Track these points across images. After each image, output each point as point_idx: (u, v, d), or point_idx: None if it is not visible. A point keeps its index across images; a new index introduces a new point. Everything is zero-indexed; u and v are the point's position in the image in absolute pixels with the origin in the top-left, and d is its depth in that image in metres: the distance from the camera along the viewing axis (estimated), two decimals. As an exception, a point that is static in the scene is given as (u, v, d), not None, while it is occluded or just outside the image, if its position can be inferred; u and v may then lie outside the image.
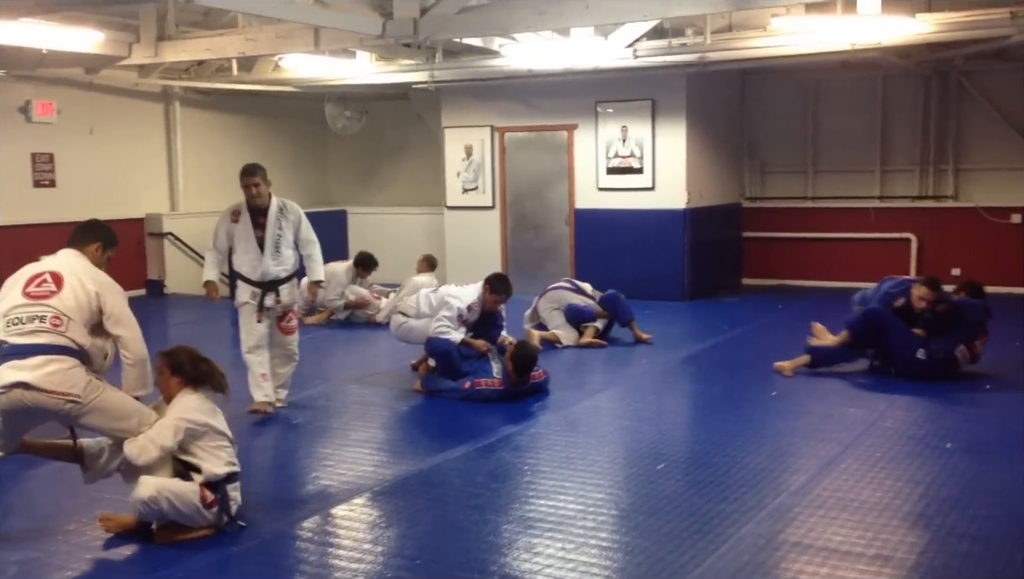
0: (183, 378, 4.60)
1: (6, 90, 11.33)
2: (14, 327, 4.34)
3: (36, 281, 4.50)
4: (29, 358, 4.25)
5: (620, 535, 4.51)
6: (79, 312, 4.45)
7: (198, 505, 4.38)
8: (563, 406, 6.98)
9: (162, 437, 4.41)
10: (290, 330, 6.90)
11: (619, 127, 12.05)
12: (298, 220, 6.79)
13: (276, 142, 14.72)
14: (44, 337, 4.33)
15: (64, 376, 4.27)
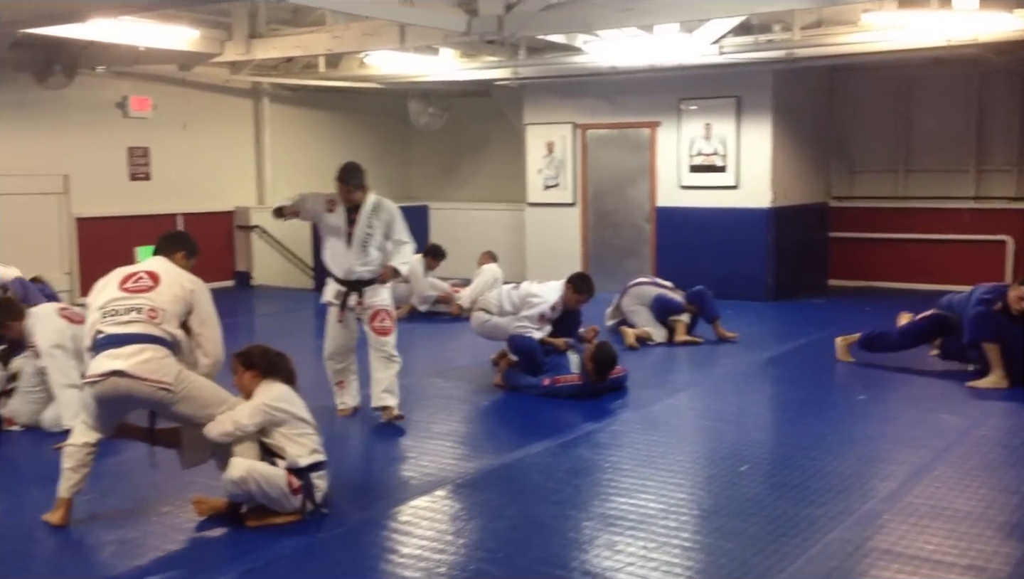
0: (258, 371, 4.72)
1: (105, 86, 11.73)
2: (111, 318, 4.52)
3: (133, 278, 4.70)
4: (124, 347, 4.40)
5: (702, 536, 4.47)
6: (174, 305, 4.63)
7: (285, 490, 4.47)
8: (643, 404, 6.94)
9: (239, 414, 4.53)
10: (384, 331, 6.44)
11: (702, 124, 11.92)
12: (390, 219, 6.43)
13: (360, 138, 14.94)
14: (139, 327, 4.49)
15: (158, 365, 4.41)
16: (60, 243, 11.54)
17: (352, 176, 6.30)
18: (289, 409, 4.63)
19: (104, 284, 4.73)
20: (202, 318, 4.74)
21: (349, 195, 6.32)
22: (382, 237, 6.40)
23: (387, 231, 6.41)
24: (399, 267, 6.46)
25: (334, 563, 4.28)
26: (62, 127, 11.37)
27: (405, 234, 6.49)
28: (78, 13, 7.69)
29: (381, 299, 6.44)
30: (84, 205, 11.67)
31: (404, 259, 6.51)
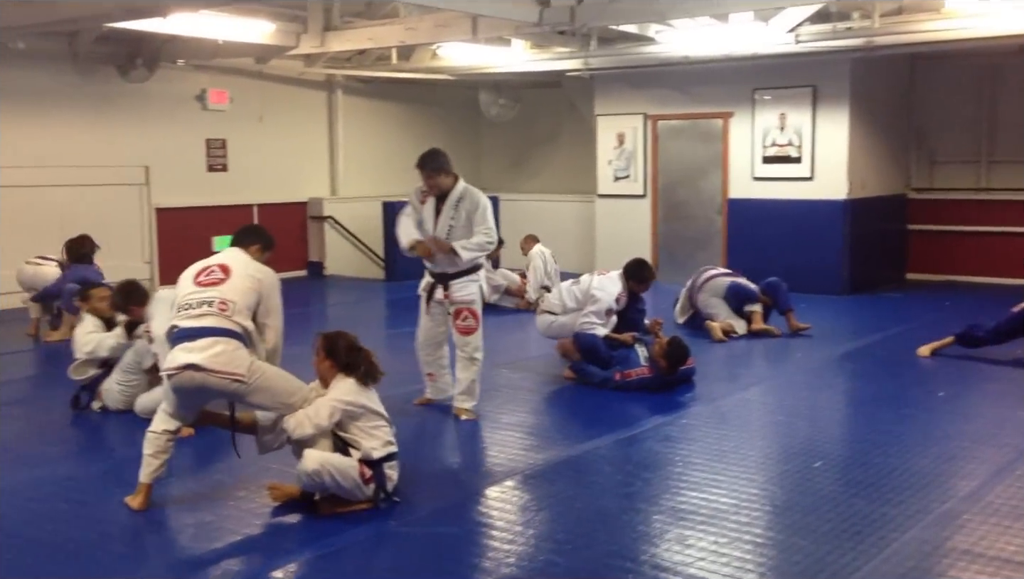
0: (335, 363, 4.77)
1: (184, 79, 12.00)
2: (184, 312, 4.67)
3: (206, 272, 4.81)
4: (197, 340, 4.53)
5: (775, 532, 4.41)
6: (244, 297, 4.72)
7: (357, 480, 4.54)
8: (714, 398, 6.87)
9: (319, 416, 4.60)
10: (466, 330, 6.16)
11: (777, 115, 11.72)
12: (474, 209, 6.06)
13: (431, 129, 15.03)
14: (211, 320, 4.60)
15: (229, 357, 4.52)
16: (141, 233, 11.85)
17: (427, 161, 6.08)
18: (366, 404, 4.69)
19: (184, 278, 4.86)
20: (268, 308, 4.84)
21: (430, 181, 6.07)
22: (467, 228, 6.06)
23: (471, 222, 6.06)
24: (457, 249, 6.02)
25: (404, 551, 4.32)
26: (143, 119, 11.67)
27: (488, 225, 6.10)
28: (161, 8, 7.88)
29: (467, 294, 6.15)
30: (163, 196, 11.97)
31: (468, 243, 6.04)
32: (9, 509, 4.73)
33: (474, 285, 6.16)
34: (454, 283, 6.12)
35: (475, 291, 6.16)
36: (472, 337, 6.17)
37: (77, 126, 11.08)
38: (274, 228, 14.26)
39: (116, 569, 4.01)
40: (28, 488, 5.05)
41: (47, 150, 10.82)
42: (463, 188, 6.12)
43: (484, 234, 6.08)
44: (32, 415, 6.68)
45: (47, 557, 4.17)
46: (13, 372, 7.98)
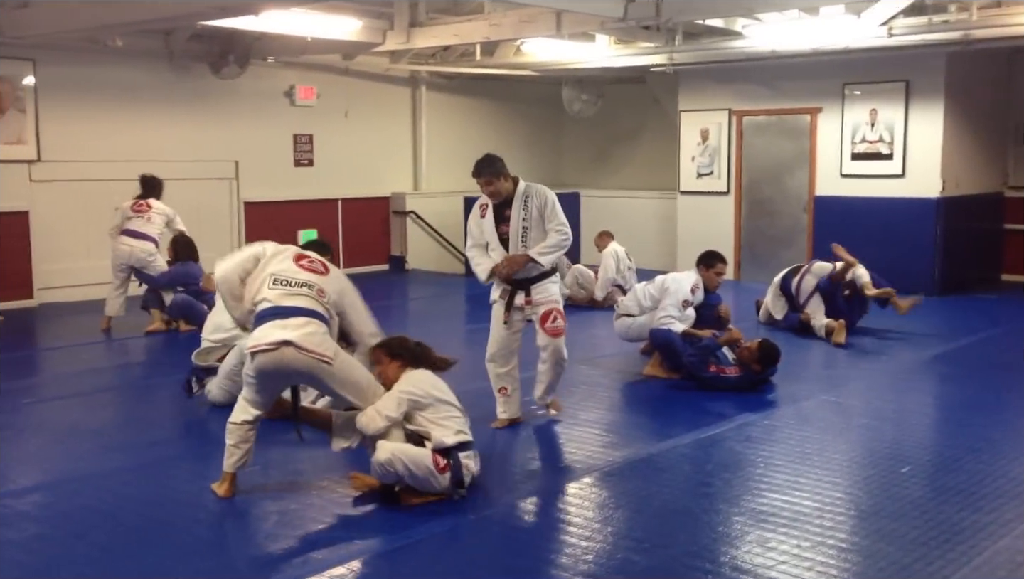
0: (403, 361, 4.83)
1: (274, 76, 12.26)
2: (280, 287, 4.67)
3: (308, 259, 4.91)
4: (291, 318, 4.57)
5: (860, 538, 4.31)
6: (336, 295, 4.84)
7: (431, 469, 4.57)
8: (798, 399, 6.75)
9: (387, 408, 4.65)
10: (555, 332, 5.90)
11: (867, 110, 11.44)
12: (543, 205, 5.82)
13: (513, 125, 15.08)
14: (306, 301, 4.67)
15: (321, 338, 4.59)
16: (230, 226, 12.15)
17: (484, 167, 5.85)
18: (432, 392, 4.73)
19: (277, 254, 4.86)
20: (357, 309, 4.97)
21: (489, 188, 5.84)
22: (540, 226, 5.80)
23: (543, 218, 5.81)
24: (535, 256, 5.77)
25: (482, 545, 4.35)
26: (234, 115, 11.97)
27: (560, 221, 5.83)
28: (253, 6, 8.06)
29: (550, 295, 5.89)
30: (251, 189, 12.25)
31: (543, 247, 5.78)
32: (103, 493, 4.90)
33: (554, 286, 5.96)
34: (535, 287, 5.87)
35: (557, 291, 5.96)
36: (561, 338, 5.93)
37: (171, 122, 11.42)
38: (357, 223, 14.62)
39: (201, 554, 4.13)
40: (121, 473, 5.23)
41: (143, 145, 11.17)
42: (525, 186, 5.91)
43: (557, 232, 5.81)
44: (126, 402, 6.91)
45: (134, 540, 4.31)
46: (110, 360, 8.26)
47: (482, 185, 5.87)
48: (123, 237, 8.99)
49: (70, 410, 6.55)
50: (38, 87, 10.37)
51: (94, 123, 10.82)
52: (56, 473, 5.23)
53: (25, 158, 10.36)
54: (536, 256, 5.76)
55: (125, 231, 9.00)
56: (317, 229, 12.91)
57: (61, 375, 7.75)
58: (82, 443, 5.83)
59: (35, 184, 10.45)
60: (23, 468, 5.39)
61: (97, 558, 4.08)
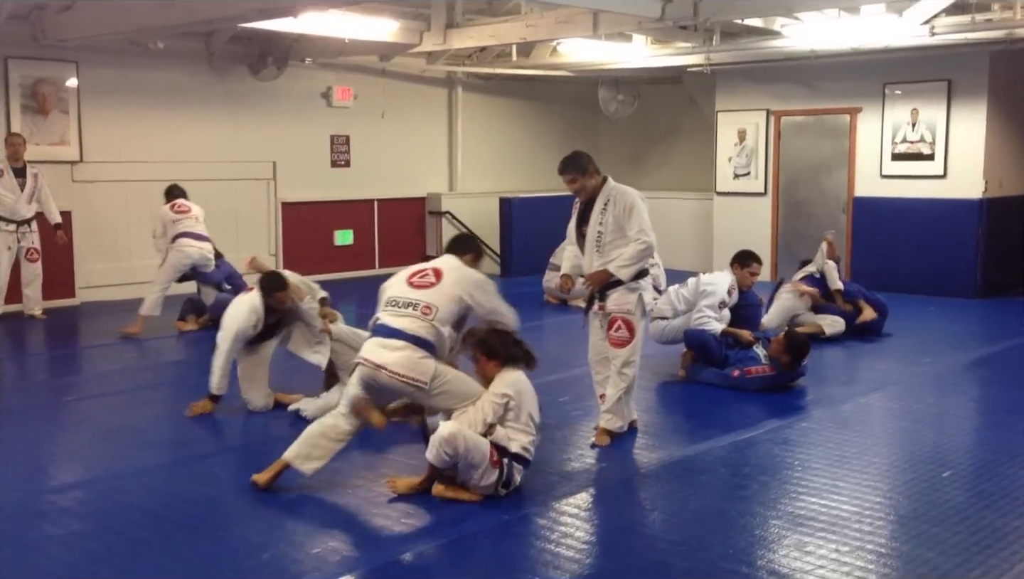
0: (499, 360, 4.87)
1: (312, 77, 12.36)
2: (391, 308, 4.93)
3: (420, 273, 5.04)
4: (391, 340, 4.79)
5: (899, 543, 4.25)
6: (449, 304, 4.91)
7: (486, 457, 4.60)
8: (834, 402, 6.68)
9: (486, 413, 4.73)
10: (618, 342, 5.58)
11: (909, 110, 11.30)
12: (622, 212, 5.50)
13: (548, 125, 15.07)
14: (409, 322, 4.82)
15: (414, 363, 4.74)
16: (268, 226, 12.26)
17: (567, 164, 5.64)
18: (523, 401, 4.76)
19: (398, 277, 5.10)
20: (487, 311, 5.02)
21: (572, 185, 5.64)
22: (617, 233, 5.51)
23: (621, 226, 5.50)
24: (614, 271, 5.49)
25: (517, 545, 4.35)
26: (272, 116, 12.07)
27: (638, 228, 5.47)
28: (292, 8, 8.12)
29: (623, 304, 5.56)
30: (289, 190, 12.35)
31: (622, 261, 5.47)
32: (143, 489, 4.97)
33: (633, 294, 5.55)
34: (612, 292, 5.57)
35: (633, 301, 5.55)
36: (624, 350, 5.58)
37: (210, 123, 11.54)
38: (392, 223, 14.69)
39: (238, 552, 4.16)
40: (161, 470, 5.30)
41: (183, 146, 11.30)
42: (610, 189, 5.60)
43: (636, 242, 5.46)
44: (165, 400, 7.00)
45: (173, 538, 4.36)
46: (149, 358, 8.36)
47: (566, 183, 5.68)
48: (186, 240, 9.02)
49: (111, 407, 6.65)
50: (81, 89, 10.53)
51: (135, 124, 10.96)
52: (97, 470, 5.31)
53: (68, 159, 10.53)
54: (615, 271, 5.50)
55: (186, 234, 9.04)
56: (353, 229, 13.02)
57: (102, 373, 7.87)
58: (122, 440, 5.91)
59: (77, 184, 10.62)
60: (65, 464, 5.49)
61: (137, 555, 4.14)
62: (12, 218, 9.47)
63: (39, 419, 6.38)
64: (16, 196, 9.45)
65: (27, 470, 5.39)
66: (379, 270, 13.26)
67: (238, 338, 6.15)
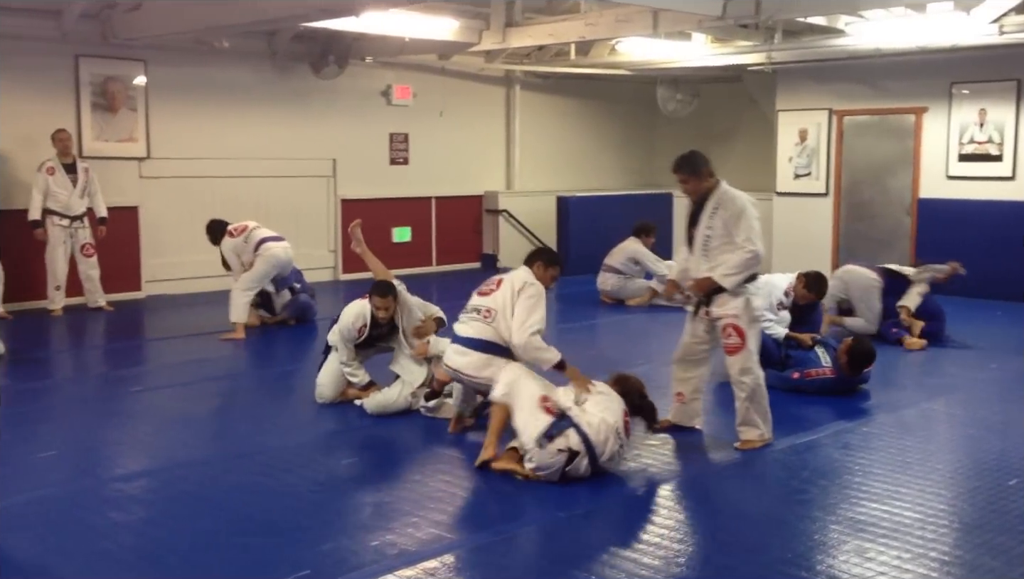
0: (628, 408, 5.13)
1: (372, 76, 12.48)
2: (464, 315, 5.52)
3: (487, 283, 5.60)
4: (459, 346, 5.43)
5: (963, 551, 4.18)
6: (503, 307, 5.36)
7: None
8: (898, 407, 6.57)
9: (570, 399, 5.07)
10: (732, 349, 5.43)
11: (976, 110, 11.06)
12: (730, 217, 5.34)
13: (606, 124, 15.04)
14: (473, 328, 5.40)
15: (482, 364, 5.32)
16: (327, 223, 12.41)
17: (681, 164, 5.52)
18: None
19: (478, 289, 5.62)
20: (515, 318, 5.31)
21: (685, 186, 5.52)
22: (725, 238, 5.36)
23: (729, 232, 5.35)
24: (719, 280, 5.36)
25: (574, 542, 4.36)
26: (332, 114, 12.21)
27: (746, 236, 5.31)
28: (354, 7, 8.21)
29: (730, 309, 5.41)
30: (348, 187, 12.48)
31: (727, 269, 5.33)
32: (207, 479, 5.07)
33: (739, 299, 5.39)
34: (717, 297, 5.44)
35: (739, 306, 5.39)
36: (737, 357, 5.43)
37: (273, 121, 11.71)
38: (450, 221, 14.75)
39: (298, 543, 4.23)
40: (225, 461, 5.40)
41: (246, 143, 11.49)
42: (721, 193, 5.45)
43: (743, 250, 5.30)
44: (229, 393, 7.12)
45: (236, 528, 4.44)
46: (213, 351, 8.51)
47: (678, 182, 5.58)
48: (270, 243, 8.90)
49: (176, 399, 6.79)
50: (148, 87, 10.75)
51: (200, 121, 11.17)
52: (163, 459, 5.43)
53: (135, 155, 10.77)
54: (719, 279, 5.36)
55: (267, 238, 8.91)
56: (411, 227, 13.12)
57: (167, 365, 8.04)
58: (188, 431, 6.05)
59: (144, 180, 10.85)
60: (132, 454, 5.63)
61: (201, 544, 4.23)
62: (66, 213, 9.70)
63: (105, 409, 6.55)
64: (68, 192, 9.67)
65: (95, 458, 5.55)
66: (436, 267, 13.35)
67: (343, 338, 6.28)
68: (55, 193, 9.60)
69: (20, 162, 9.97)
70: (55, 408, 6.64)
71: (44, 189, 9.54)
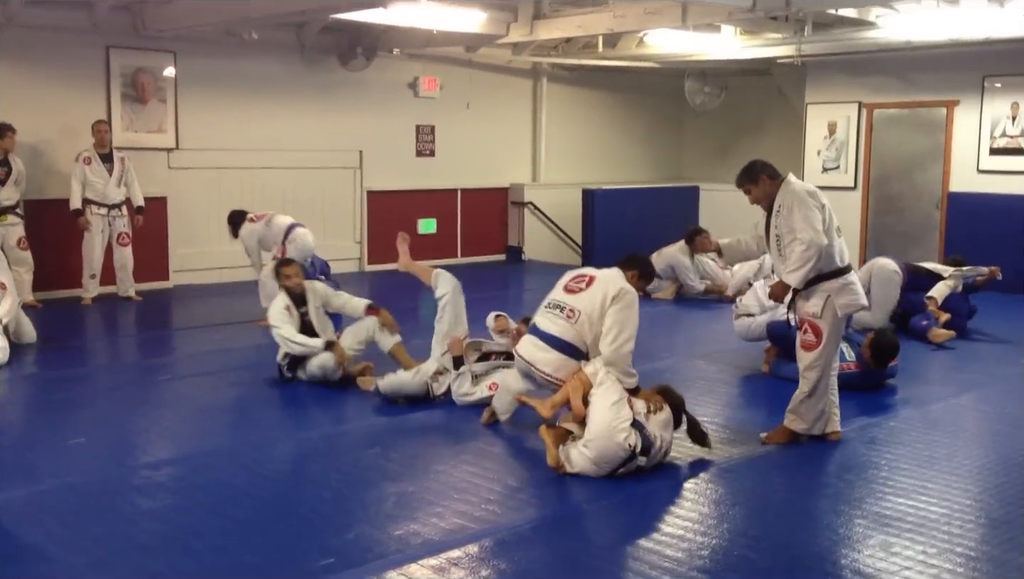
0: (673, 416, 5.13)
1: (399, 68, 12.50)
2: (546, 310, 5.44)
3: (577, 278, 5.46)
4: (540, 341, 5.36)
5: (990, 547, 4.14)
6: (591, 310, 5.27)
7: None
8: (925, 402, 6.52)
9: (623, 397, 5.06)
10: (804, 345, 5.41)
11: (1009, 103, 10.93)
12: (788, 212, 5.30)
13: (633, 117, 14.99)
14: (556, 327, 5.32)
15: (559, 364, 5.28)
16: (353, 214, 12.46)
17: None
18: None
19: (561, 279, 5.54)
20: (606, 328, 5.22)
21: (749, 198, 5.55)
22: (791, 235, 5.29)
23: (792, 227, 5.27)
24: (785, 278, 5.33)
25: (597, 533, 4.38)
26: (359, 106, 12.25)
27: (799, 227, 5.22)
28: None
29: (809, 306, 5.36)
30: (374, 179, 12.53)
31: (789, 266, 5.28)
32: (235, 467, 5.12)
33: (818, 297, 5.32)
34: (801, 293, 5.39)
35: (818, 303, 5.31)
36: (809, 354, 5.37)
37: (300, 112, 11.77)
38: (476, 213, 14.75)
39: (324, 531, 4.27)
40: (252, 450, 5.45)
41: (274, 135, 11.56)
42: (784, 191, 5.39)
43: (797, 242, 5.23)
44: (257, 382, 7.17)
45: (263, 515, 4.49)
46: (240, 341, 8.57)
47: (745, 194, 5.59)
48: (300, 229, 8.80)
49: (204, 387, 6.86)
50: (178, 78, 10.84)
51: (229, 113, 11.25)
52: (191, 447, 5.49)
53: (164, 146, 10.86)
54: (785, 278, 5.34)
55: (295, 225, 8.82)
56: (436, 219, 13.15)
57: (195, 354, 8.12)
58: (215, 419, 6.11)
59: (173, 171, 10.95)
60: (160, 441, 5.69)
61: (229, 530, 4.27)
62: (103, 202, 9.81)
63: (134, 397, 6.62)
64: (105, 181, 9.78)
65: (123, 446, 5.62)
66: (462, 259, 13.37)
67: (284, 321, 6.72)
68: (92, 182, 9.73)
69: (52, 154, 10.10)
70: (85, 396, 6.72)
71: (82, 179, 9.68)
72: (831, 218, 5.36)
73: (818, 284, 5.31)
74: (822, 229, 5.22)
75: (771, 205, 5.44)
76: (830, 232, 5.30)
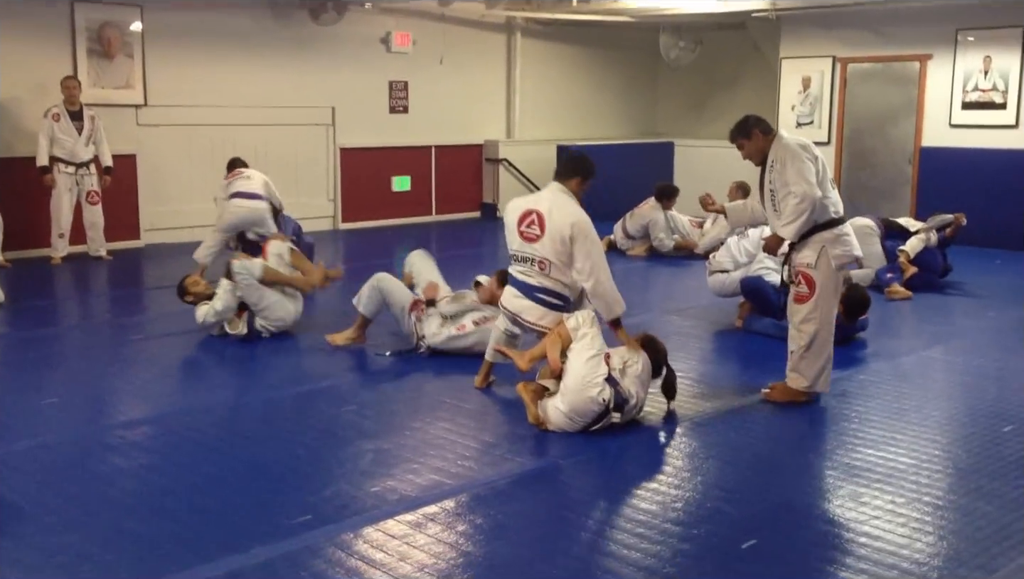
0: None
1: (371, 22, 12.33)
2: (517, 264, 5.41)
3: (527, 221, 5.33)
4: (517, 291, 5.39)
5: (957, 496, 4.22)
6: (557, 256, 5.24)
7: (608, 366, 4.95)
8: (895, 355, 6.60)
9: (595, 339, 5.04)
10: (797, 297, 5.40)
11: (981, 57, 10.95)
12: (782, 166, 5.27)
13: (608, 72, 14.89)
14: (534, 279, 5.33)
15: (541, 313, 5.31)
16: (326, 172, 12.35)
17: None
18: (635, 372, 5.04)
19: (511, 223, 5.42)
20: (578, 268, 5.21)
21: (742, 152, 5.54)
22: (784, 190, 5.28)
23: (785, 181, 5.25)
24: (780, 233, 5.36)
25: (573, 488, 4.41)
26: (331, 62, 12.09)
27: (792, 180, 5.20)
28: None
29: (802, 257, 5.36)
30: (347, 136, 12.41)
31: (783, 219, 5.29)
32: (208, 426, 5.11)
33: (812, 248, 5.31)
34: (798, 246, 5.39)
35: (811, 255, 5.30)
36: (803, 306, 5.35)
37: (271, 68, 11.60)
38: (449, 170, 14.66)
39: (299, 489, 4.28)
40: (225, 409, 5.45)
41: (244, 90, 11.39)
42: (776, 146, 5.37)
43: (790, 196, 5.22)
44: (229, 341, 7.13)
45: (238, 473, 4.48)
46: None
47: (738, 150, 5.58)
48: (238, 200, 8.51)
49: (176, 347, 6.82)
50: (145, 33, 10.64)
51: (198, 68, 11.07)
52: (164, 406, 5.47)
53: (132, 102, 10.69)
54: (779, 231, 5.38)
55: (239, 193, 8.51)
56: (410, 176, 13.05)
57: (167, 313, 8.04)
58: (188, 378, 6.09)
59: (142, 128, 10.78)
60: (133, 401, 5.66)
61: (205, 489, 4.27)
62: (71, 160, 9.67)
63: (107, 357, 6.58)
64: (74, 139, 9.63)
65: (97, 406, 5.59)
66: (436, 217, 13.32)
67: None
68: (60, 140, 9.57)
69: (19, 111, 9.91)
70: (56, 355, 6.67)
71: (50, 135, 9.51)
72: (824, 170, 5.37)
73: (812, 235, 5.31)
74: (816, 181, 5.21)
75: (764, 160, 5.43)
76: (824, 184, 5.30)
